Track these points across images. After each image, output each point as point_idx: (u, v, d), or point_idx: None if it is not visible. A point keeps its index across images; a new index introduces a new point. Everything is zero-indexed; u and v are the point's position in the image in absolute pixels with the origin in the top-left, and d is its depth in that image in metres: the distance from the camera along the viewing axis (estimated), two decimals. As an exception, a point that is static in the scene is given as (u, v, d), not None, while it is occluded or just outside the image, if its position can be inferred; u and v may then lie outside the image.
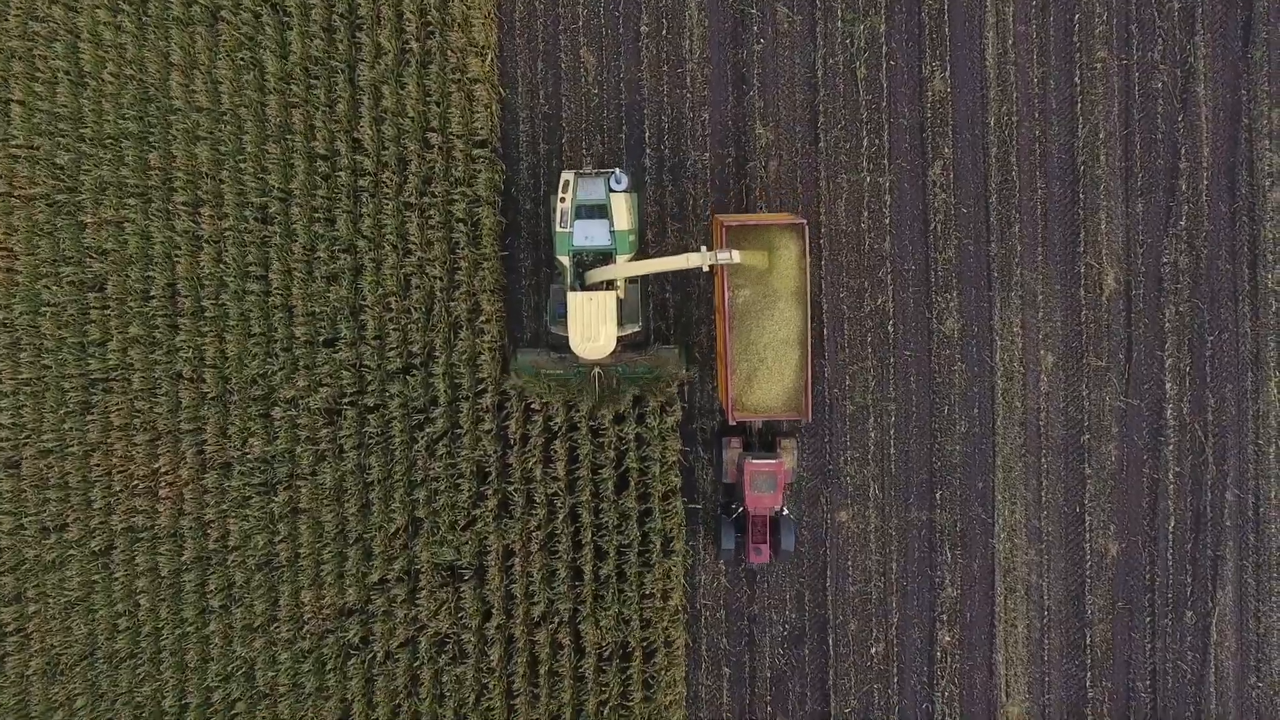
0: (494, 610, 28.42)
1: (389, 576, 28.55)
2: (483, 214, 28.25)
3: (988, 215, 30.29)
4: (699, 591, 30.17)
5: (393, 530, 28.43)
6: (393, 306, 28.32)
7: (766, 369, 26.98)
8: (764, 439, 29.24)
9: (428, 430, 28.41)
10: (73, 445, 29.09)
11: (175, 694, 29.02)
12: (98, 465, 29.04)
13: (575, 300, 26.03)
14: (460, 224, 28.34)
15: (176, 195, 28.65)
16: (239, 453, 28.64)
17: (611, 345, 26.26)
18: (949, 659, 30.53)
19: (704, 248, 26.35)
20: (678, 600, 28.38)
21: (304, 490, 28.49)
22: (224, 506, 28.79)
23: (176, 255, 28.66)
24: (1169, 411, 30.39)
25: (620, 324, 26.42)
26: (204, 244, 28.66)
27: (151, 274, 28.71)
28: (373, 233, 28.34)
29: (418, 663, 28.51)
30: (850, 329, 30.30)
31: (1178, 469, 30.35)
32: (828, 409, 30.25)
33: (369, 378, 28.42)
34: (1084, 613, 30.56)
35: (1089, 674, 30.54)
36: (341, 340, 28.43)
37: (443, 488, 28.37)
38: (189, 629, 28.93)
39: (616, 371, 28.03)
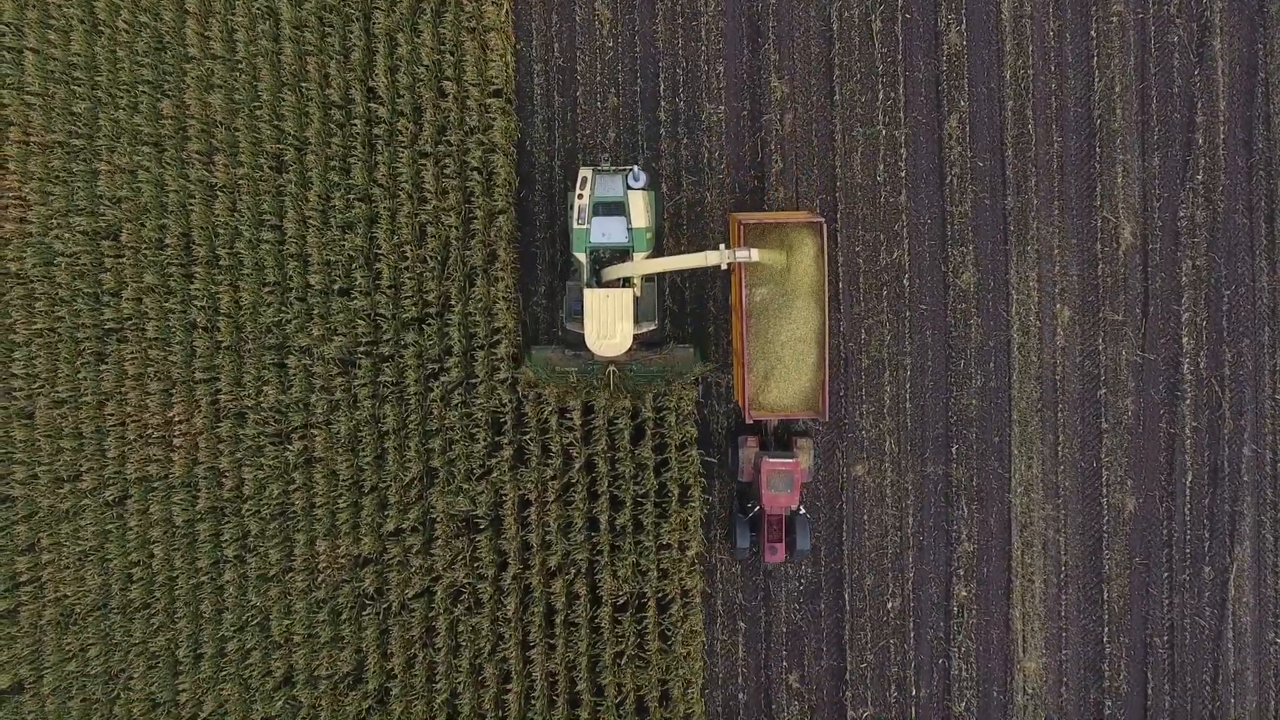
0: (510, 560, 27.74)
1: (404, 526, 27.90)
2: (497, 163, 27.66)
3: (1004, 169, 29.68)
4: (714, 546, 29.51)
5: (408, 480, 27.79)
6: (408, 255, 27.71)
7: (784, 367, 26.48)
8: (779, 438, 28.65)
9: (443, 380, 27.78)
10: (87, 395, 28.49)
11: (189, 644, 28.37)
12: (111, 415, 28.42)
13: (592, 297, 25.56)
14: (475, 173, 27.71)
15: (191, 143, 28.08)
16: (253, 402, 28.00)
17: (628, 343, 25.77)
18: (966, 614, 29.86)
19: (722, 245, 25.87)
20: (695, 549, 27.69)
21: (319, 439, 27.87)
22: (238, 455, 28.16)
23: (191, 204, 28.06)
24: (1186, 366, 29.74)
25: (636, 322, 25.95)
26: (219, 192, 28.07)
27: (166, 222, 28.12)
28: (388, 181, 27.75)
29: (433, 613, 27.83)
30: (866, 283, 29.67)
31: (1195, 424, 29.70)
32: (843, 364, 29.61)
33: (384, 327, 27.81)
34: (1101, 568, 29.88)
35: (1106, 629, 29.85)
36: (356, 289, 27.82)
37: (458, 437, 27.73)
38: (203, 579, 28.30)
39: (631, 370, 27.46)
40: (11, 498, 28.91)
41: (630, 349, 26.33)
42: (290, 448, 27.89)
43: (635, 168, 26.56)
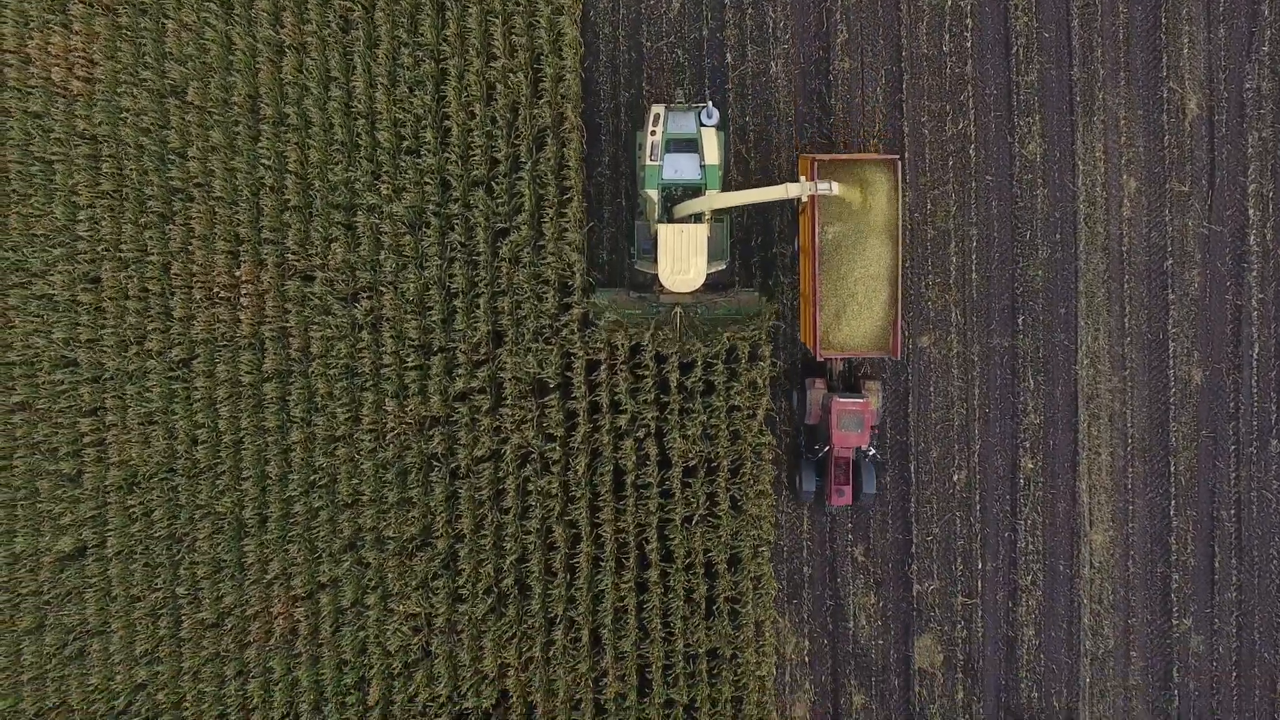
0: (579, 422, 26.72)
1: (472, 387, 26.89)
2: (563, 24, 26.71)
3: (1070, 39, 28.80)
4: (778, 419, 28.55)
5: (476, 340, 26.81)
6: (476, 114, 26.72)
7: (856, 305, 25.75)
8: (845, 381, 27.87)
9: (511, 239, 26.80)
10: (152, 255, 27.50)
11: (255, 506, 27.36)
12: (178, 275, 27.47)
13: (666, 232, 24.78)
14: (543, 32, 26.77)
15: (259, 1, 27.10)
16: (321, 261, 27.04)
17: (702, 278, 25.03)
18: (1032, 487, 28.91)
19: (802, 178, 25.08)
20: (764, 411, 26.70)
21: (386, 299, 26.89)
22: (305, 315, 27.15)
23: (258, 62, 27.09)
24: (1252, 237, 28.88)
25: (708, 259, 25.22)
26: (286, 50, 27.11)
27: (233, 80, 27.17)
28: (456, 38, 26.78)
29: (502, 474, 26.83)
30: (931, 153, 28.78)
31: (1261, 295, 28.83)
32: (909, 235, 28.66)
33: (453, 186, 26.84)
34: (1168, 441, 28.95)
35: (1173, 503, 28.91)
36: (425, 148, 26.84)
37: (526, 298, 26.73)
38: (270, 440, 27.26)
39: (697, 313, 26.59)
40: (76, 361, 27.90)
41: (697, 290, 25.70)
42: (358, 307, 26.91)
43: (709, 104, 25.99)
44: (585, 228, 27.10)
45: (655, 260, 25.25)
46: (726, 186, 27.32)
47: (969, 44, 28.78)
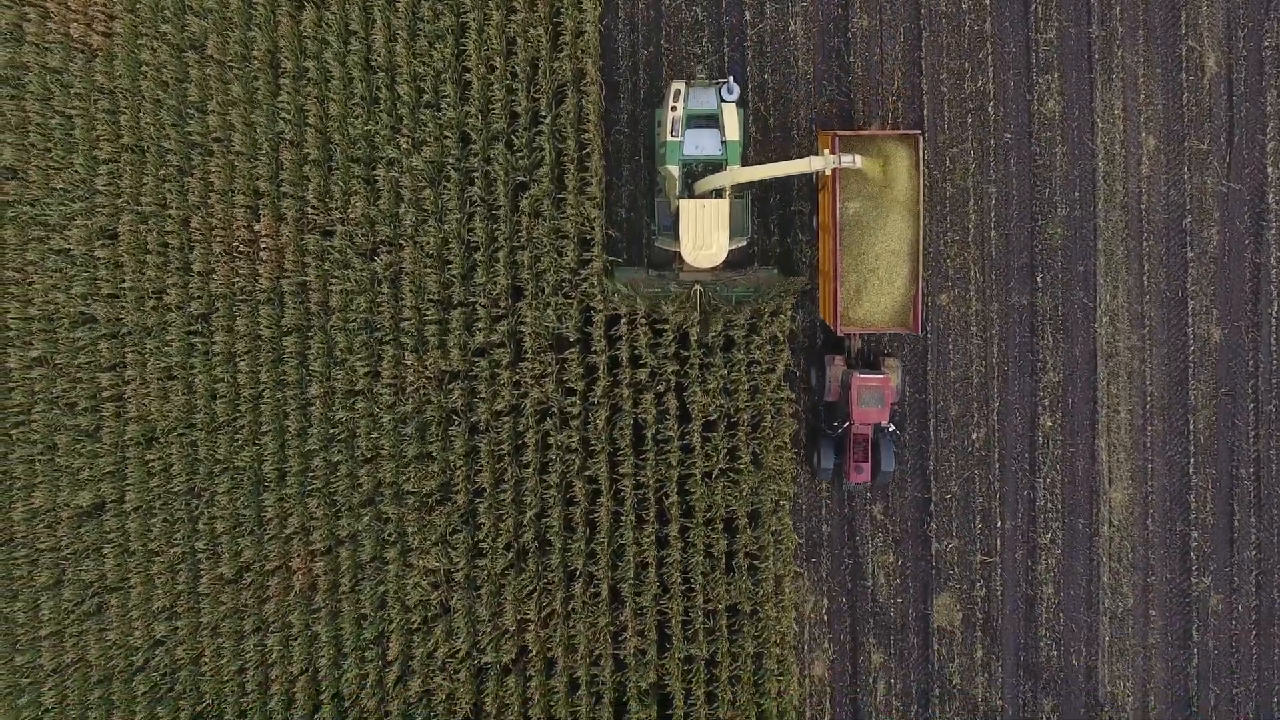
0: (599, 376, 26.51)
1: (492, 341, 26.66)
2: (582, -23, 26.52)
3: (1089, -4, 28.60)
4: (797, 377, 28.33)
5: (495, 294, 26.59)
6: (496, 67, 26.52)
7: (877, 280, 25.68)
8: (864, 358, 27.74)
9: (531, 193, 26.58)
10: (171, 209, 27.30)
11: (274, 460, 27.12)
12: (197, 229, 27.26)
13: (688, 207, 24.63)
14: (563, -15, 26.61)
15: (278, -46, 26.95)
16: (341, 215, 26.82)
17: (724, 253, 24.88)
18: (1051, 445, 28.71)
19: (826, 151, 24.83)
20: (784, 365, 26.48)
21: (407, 252, 26.68)
22: (325, 269, 26.93)
23: (277, 16, 26.88)
24: (1271, 196, 28.73)
25: (730, 235, 25.07)
26: (305, 4, 26.91)
27: (253, 35, 26.96)
28: (477, -9, 26.61)
29: (522, 428, 26.60)
30: (950, 111, 28.58)
31: (1280, 253, 28.61)
32: (928, 192, 28.43)
33: (473, 139, 26.62)
34: (1187, 399, 28.73)
35: (1192, 461, 28.71)
36: (445, 101, 26.63)
37: (546, 251, 26.51)
38: (289, 394, 27.04)
39: (716, 291, 26.38)
40: (95, 316, 27.69)
41: (717, 267, 25.62)
42: (378, 261, 26.71)
43: (730, 80, 25.88)
44: (604, 183, 26.88)
45: (676, 237, 25.08)
46: (745, 163, 27.15)
47: (988, 1, 28.57)
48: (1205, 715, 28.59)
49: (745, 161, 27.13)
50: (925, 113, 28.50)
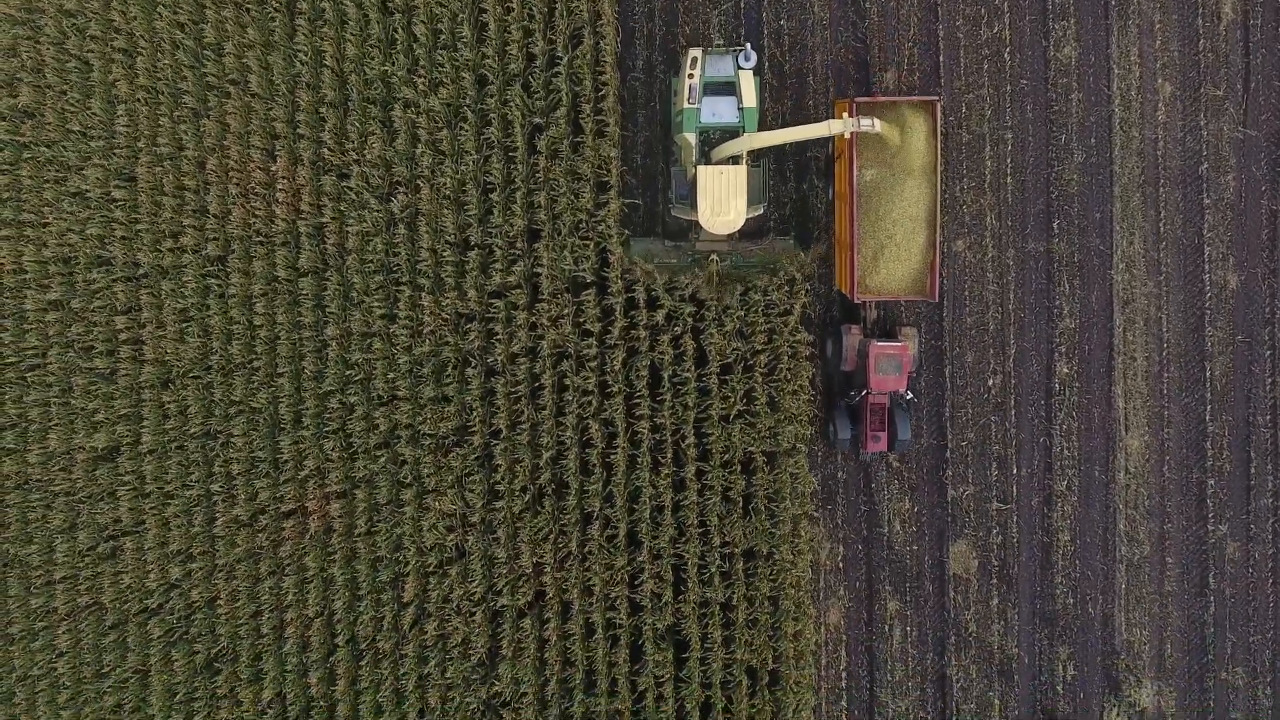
0: (615, 318, 26.30)
1: (509, 282, 26.46)
2: (599, -81, 26.32)
3: (1105, -58, 28.39)
4: (809, 326, 28.09)
5: (512, 235, 26.38)
6: (513, 8, 26.32)
7: (895, 246, 25.47)
8: (880, 328, 27.65)
9: (548, 134, 26.38)
10: (188, 151, 27.10)
11: (291, 402, 26.90)
12: (213, 171, 27.05)
13: (706, 174, 24.48)
14: (579, -74, 26.42)
15: (293, -106, 26.78)
16: (357, 156, 26.61)
17: (742, 220, 24.70)
18: (1067, 392, 28.47)
19: (845, 115, 24.61)
20: (801, 307, 26.26)
21: (423, 193, 26.46)
22: (342, 209, 26.73)
23: (295, -43, 26.73)
24: (1288, 142, 28.43)
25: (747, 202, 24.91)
26: (323, -54, 26.74)
27: (270, -25, 26.79)
28: (493, -69, 26.42)
29: (538, 370, 26.38)
30: (966, 58, 28.36)
31: (1297, 200, 28.37)
32: (943, 139, 28.20)
33: (490, 80, 26.42)
34: (1204, 346, 28.51)
35: (1209, 408, 28.47)
36: (462, 42, 26.43)
37: (563, 192, 26.30)
38: (305, 335, 26.82)
39: (732, 262, 26.25)
40: (111, 258, 27.51)
41: (733, 236, 25.46)
42: (394, 202, 26.50)
43: (746, 46, 25.74)
44: (620, 125, 26.68)
45: (693, 205, 24.93)
46: (762, 129, 26.98)
47: (1003, -53, 28.40)
48: (1222, 663, 28.34)
49: (761, 126, 26.97)
50: (941, 59, 28.30)
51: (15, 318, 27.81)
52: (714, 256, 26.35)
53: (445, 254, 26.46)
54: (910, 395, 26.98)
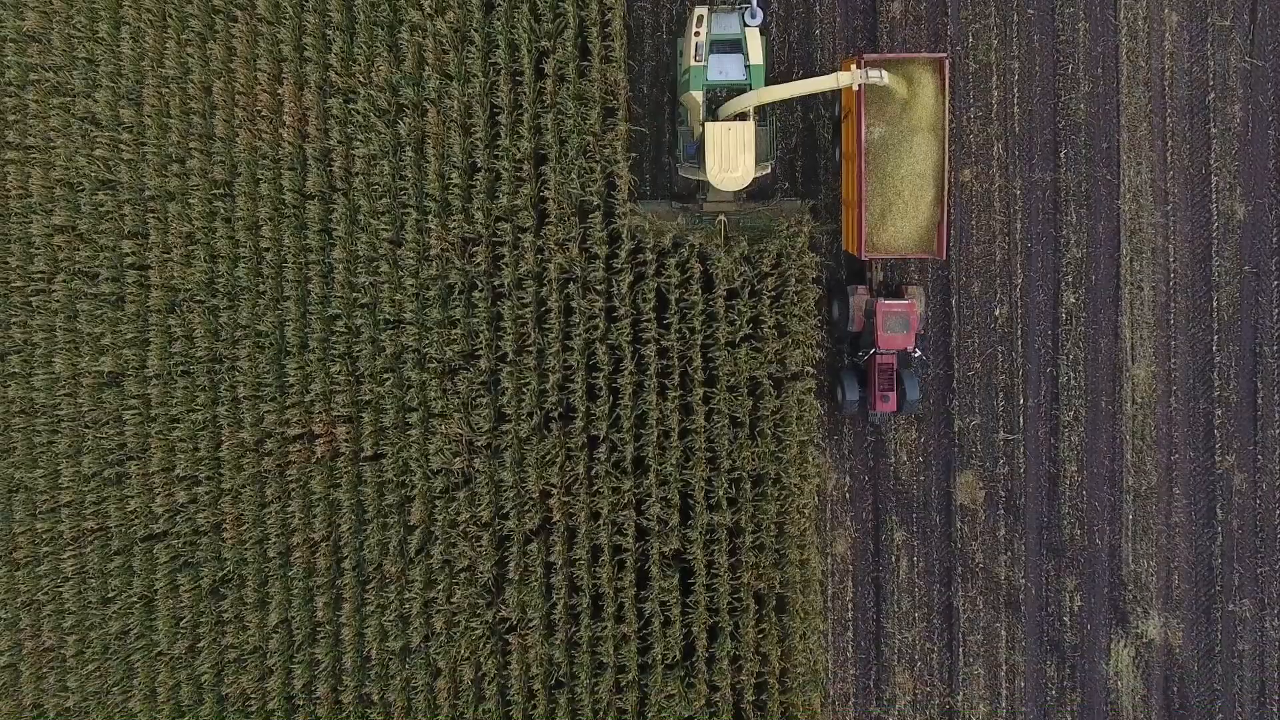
0: (622, 240, 26.09)
1: (516, 205, 26.24)
2: None
3: (1109, -128, 28.21)
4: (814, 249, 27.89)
5: (519, 158, 26.17)
6: (521, -68, 26.13)
7: (901, 203, 25.26)
8: (887, 289, 27.46)
9: (555, 57, 26.17)
10: (194, 74, 26.88)
11: (297, 326, 26.70)
12: (220, 94, 26.83)
13: (713, 130, 24.21)
14: None
15: None
16: (364, 78, 26.41)
17: (750, 176, 24.47)
18: (1074, 321, 28.27)
19: (853, 66, 24.41)
20: (808, 233, 26.04)
21: (430, 116, 26.24)
22: (349, 131, 26.52)
23: (301, -122, 26.52)
24: (1294, 72, 28.24)
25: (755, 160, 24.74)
26: None
27: (276, -101, 26.60)
28: None
29: (545, 294, 26.17)
30: (973, -14, 28.15)
31: (1304, 129, 28.17)
32: (950, 67, 27.99)
33: (496, 3, 26.22)
34: (1210, 275, 28.32)
35: (1216, 338, 28.28)
36: (468, -35, 26.23)
37: (570, 114, 26.09)
38: (311, 259, 26.62)
39: (739, 222, 26.13)
40: (118, 181, 27.30)
41: (740, 196, 25.34)
42: (401, 125, 26.28)
43: (753, 3, 25.54)
44: (627, 51, 26.48)
45: (700, 164, 24.74)
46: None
47: (1009, -122, 28.23)
48: (1229, 595, 28.12)
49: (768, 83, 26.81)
50: (948, -12, 28.11)
51: (21, 242, 27.60)
52: (721, 217, 26.17)
53: (452, 177, 26.25)
54: (918, 353, 26.79)
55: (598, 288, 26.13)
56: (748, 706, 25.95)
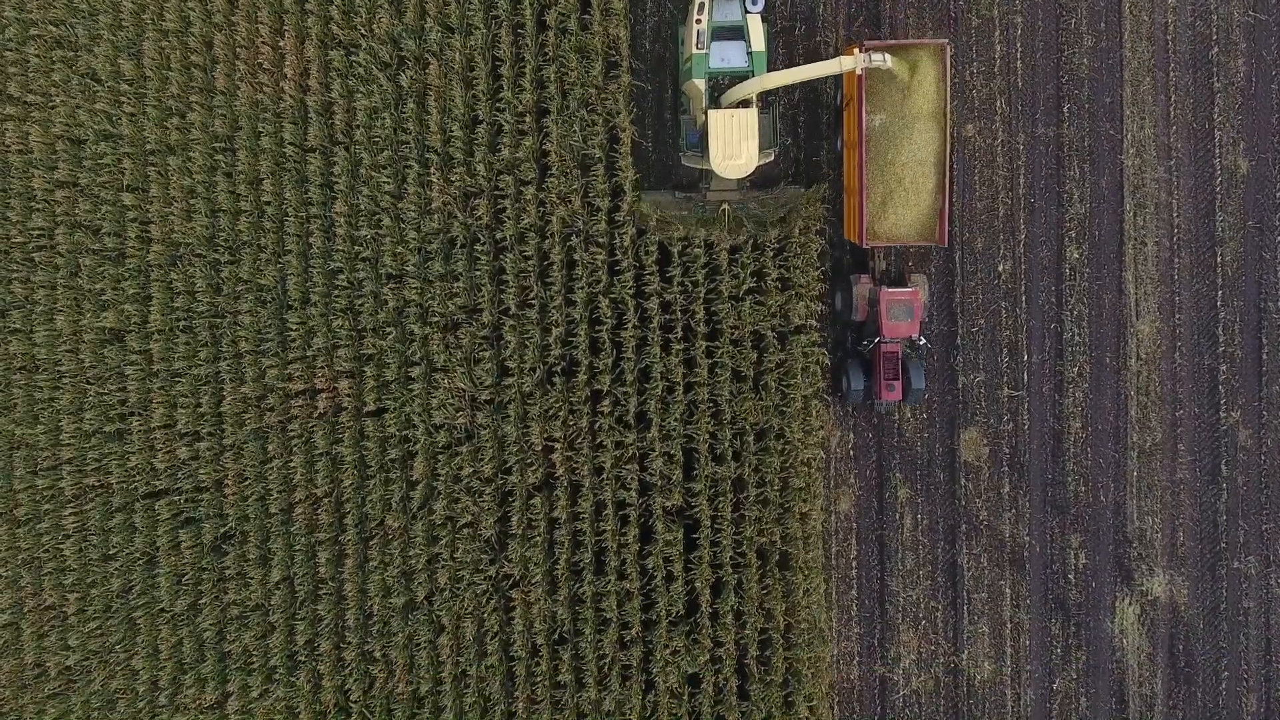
0: (625, 193, 25.84)
1: (518, 158, 26.00)
2: None
3: None
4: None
5: (521, 110, 25.92)
6: (522, -116, 25.89)
7: (903, 191, 25.07)
8: (889, 277, 27.29)
9: (557, 9, 25.93)
10: (195, 27, 26.63)
11: (299, 280, 26.44)
12: (221, 46, 26.58)
13: (716, 117, 24.04)
14: None
15: None
16: (366, 30, 26.16)
17: (753, 164, 24.29)
18: (1078, 277, 28.01)
19: (856, 50, 24.23)
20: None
21: (431, 69, 25.99)
22: (350, 84, 26.27)
23: None
24: (1298, 27, 27.97)
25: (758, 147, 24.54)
26: None
27: None
28: None
29: (547, 247, 25.92)
30: (976, -58, 27.91)
31: (1308, 84, 27.91)
32: (952, 22, 27.81)
33: (499, -46, 26.00)
34: (1214, 231, 28.06)
35: (1220, 293, 28.01)
36: (470, -83, 25.99)
37: (572, 66, 25.85)
38: (313, 213, 26.36)
39: (743, 211, 25.87)
40: (118, 134, 27.05)
41: (744, 185, 25.14)
42: (403, 77, 26.03)
43: None
44: (628, 6, 26.26)
45: (704, 152, 24.54)
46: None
47: None
48: (1234, 552, 27.87)
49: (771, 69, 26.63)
50: (952, -55, 27.84)
51: (22, 198, 27.35)
52: (725, 206, 25.96)
53: (453, 130, 26.01)
54: (923, 340, 26.57)
55: (600, 241, 25.87)
56: (751, 662, 25.69)
